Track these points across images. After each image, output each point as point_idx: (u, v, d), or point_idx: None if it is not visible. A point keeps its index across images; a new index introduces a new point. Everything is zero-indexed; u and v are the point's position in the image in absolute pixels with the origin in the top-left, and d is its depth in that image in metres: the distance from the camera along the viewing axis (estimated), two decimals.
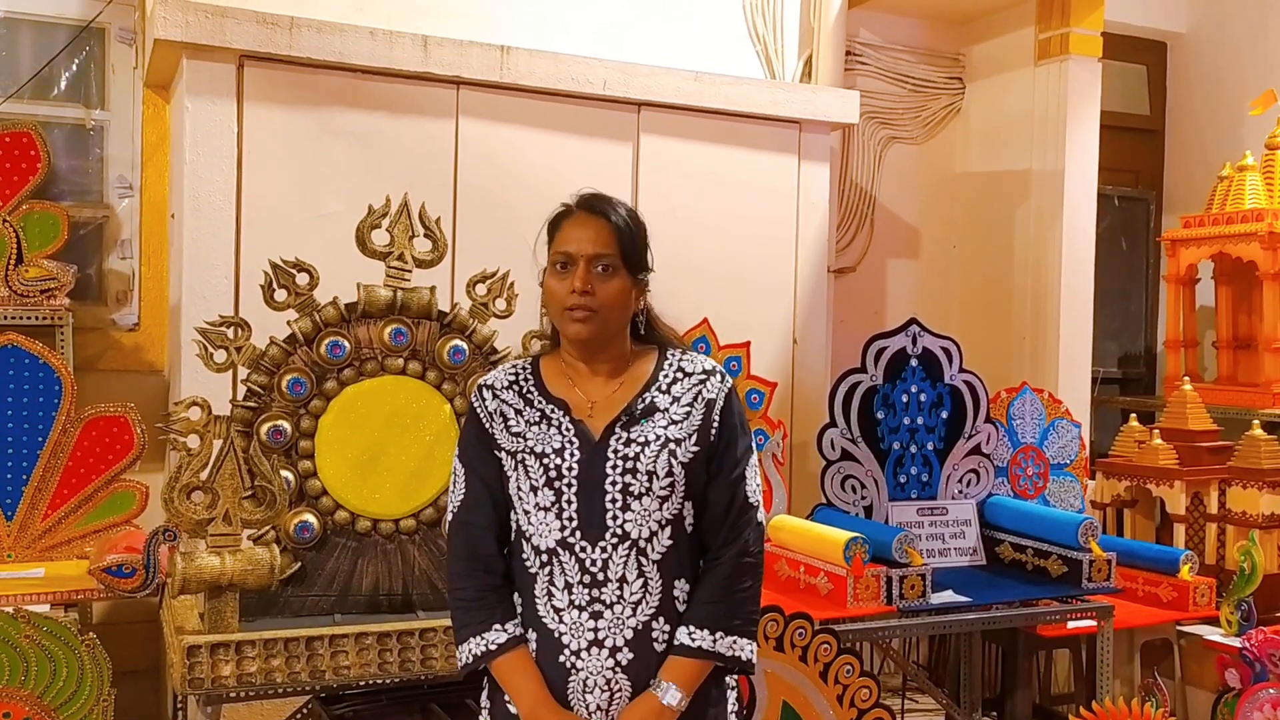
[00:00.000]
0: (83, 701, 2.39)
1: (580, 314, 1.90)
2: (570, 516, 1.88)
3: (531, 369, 2.01)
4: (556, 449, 1.91)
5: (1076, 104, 4.74)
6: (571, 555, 1.88)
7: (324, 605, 2.49)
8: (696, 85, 3.90)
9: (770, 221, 4.09)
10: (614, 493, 1.88)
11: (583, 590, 1.87)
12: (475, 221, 3.58)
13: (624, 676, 1.87)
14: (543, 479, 1.90)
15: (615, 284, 1.93)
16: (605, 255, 1.92)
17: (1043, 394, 3.91)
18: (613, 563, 1.87)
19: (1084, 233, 4.80)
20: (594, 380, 1.97)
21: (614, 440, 1.90)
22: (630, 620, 1.87)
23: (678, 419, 1.93)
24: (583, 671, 1.86)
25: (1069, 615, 3.25)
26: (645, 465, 1.88)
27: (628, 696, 1.87)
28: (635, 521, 1.87)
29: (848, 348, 4.23)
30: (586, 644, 1.86)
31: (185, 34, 3.20)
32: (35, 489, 3.07)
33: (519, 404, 1.97)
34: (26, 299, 3.18)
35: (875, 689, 2.80)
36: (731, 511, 1.93)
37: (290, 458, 2.48)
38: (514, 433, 1.95)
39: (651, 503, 1.88)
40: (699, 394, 1.95)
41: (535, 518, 1.90)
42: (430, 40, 3.50)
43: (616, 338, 1.98)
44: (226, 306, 3.22)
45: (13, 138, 3.33)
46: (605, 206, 1.97)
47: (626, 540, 1.87)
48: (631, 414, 1.92)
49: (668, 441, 1.90)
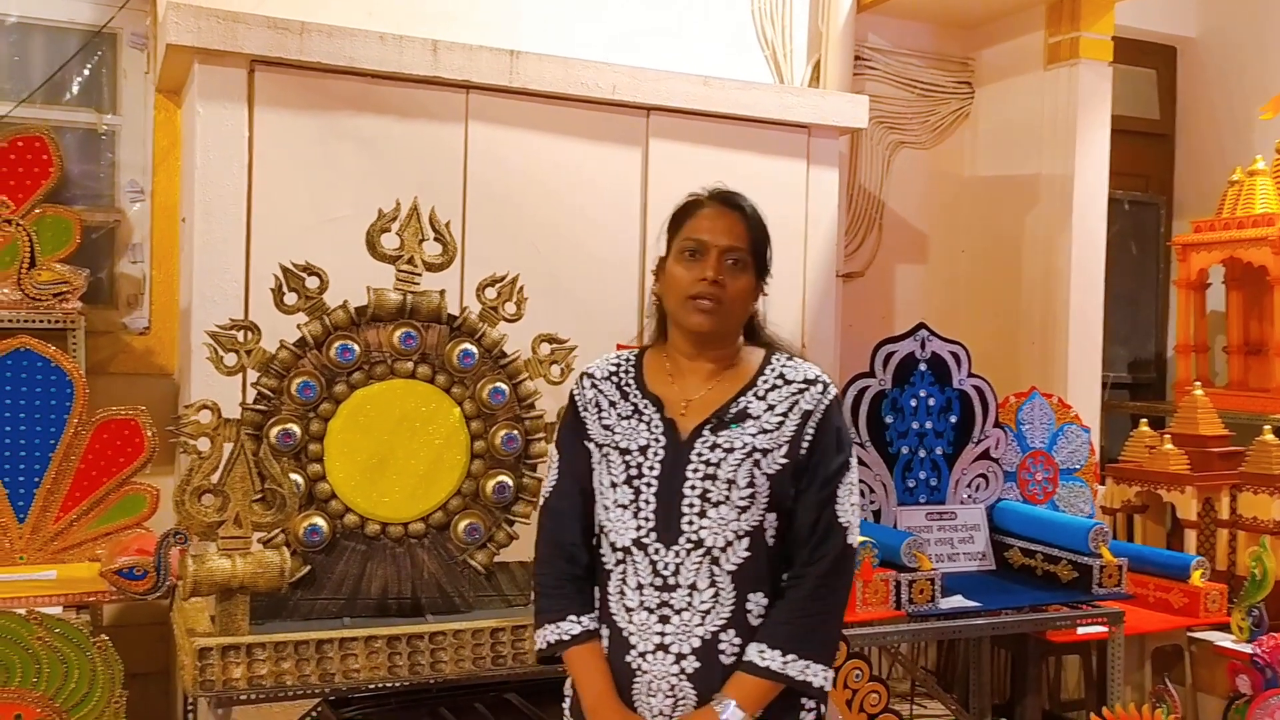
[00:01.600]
0: (94, 703, 2.40)
1: (707, 304, 1.87)
2: (647, 517, 1.85)
3: (635, 361, 1.99)
4: (641, 446, 1.88)
5: (1086, 108, 4.74)
6: (645, 556, 1.84)
7: (333, 608, 2.49)
8: (706, 90, 3.90)
9: (778, 226, 4.02)
10: (692, 497, 1.83)
11: (653, 593, 1.84)
12: (485, 225, 3.59)
13: (689, 684, 1.82)
14: (623, 476, 1.88)
15: (744, 280, 1.91)
16: (738, 249, 1.90)
17: (1052, 399, 3.90)
18: (685, 568, 1.83)
19: (1094, 237, 4.79)
20: (694, 376, 1.93)
21: (699, 443, 1.86)
22: (698, 628, 1.82)
23: (769, 428, 1.87)
24: (648, 674, 1.83)
25: (1079, 621, 3.24)
26: (725, 473, 1.83)
27: (692, 705, 1.83)
28: (711, 529, 1.83)
29: (856, 352, 4.23)
30: (653, 647, 1.83)
31: (197, 39, 3.22)
32: (47, 491, 3.09)
33: (615, 396, 1.95)
34: (39, 302, 3.20)
35: (884, 694, 2.79)
36: (817, 530, 1.85)
37: (300, 461, 2.49)
38: (604, 425, 1.93)
39: (729, 512, 1.83)
40: (796, 403, 1.89)
41: (614, 514, 1.89)
42: (440, 45, 3.51)
43: (731, 336, 1.95)
44: (237, 310, 3.24)
45: (25, 142, 3.35)
46: (741, 201, 1.96)
47: (700, 547, 1.83)
48: (721, 418, 1.88)
49: (753, 451, 1.85)
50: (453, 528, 2.59)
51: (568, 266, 3.68)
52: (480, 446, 2.61)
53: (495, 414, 2.61)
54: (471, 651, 2.43)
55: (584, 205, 3.75)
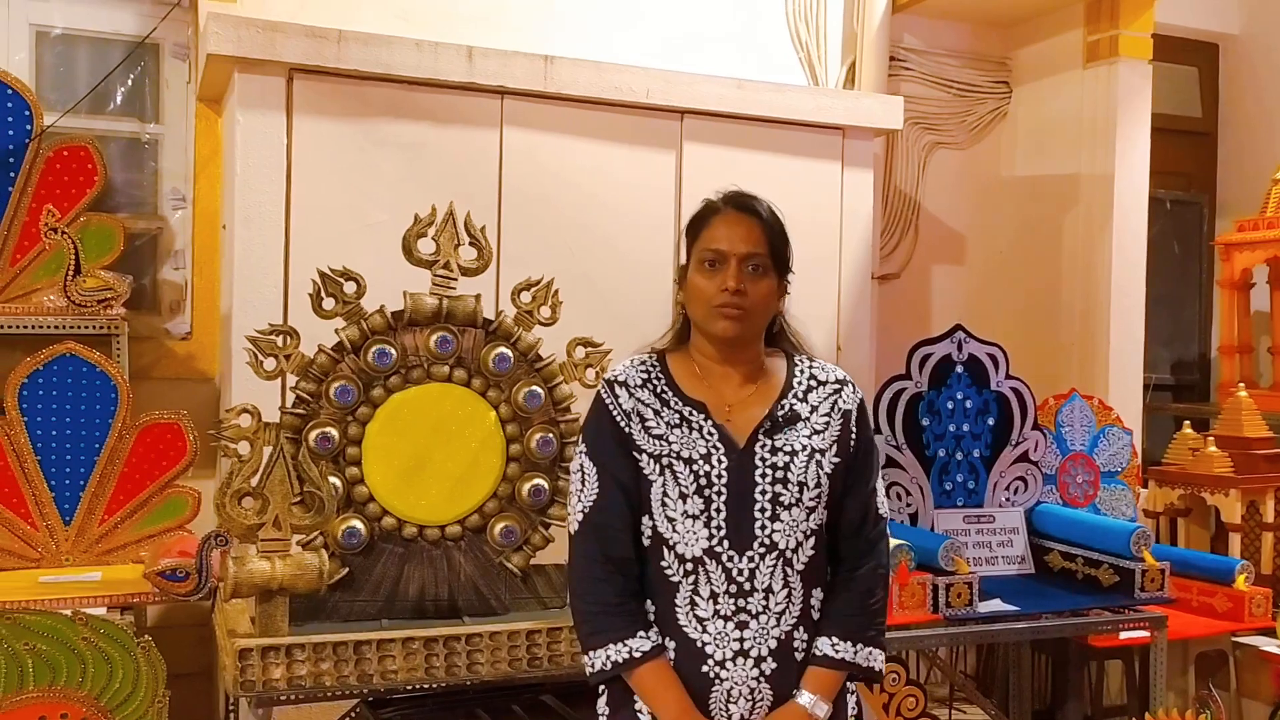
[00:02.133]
0: (138, 703, 2.44)
1: (732, 312, 1.89)
2: (719, 525, 1.86)
3: (660, 366, 1.98)
4: (703, 455, 1.88)
5: (1127, 107, 4.68)
6: (718, 564, 1.86)
7: (371, 610, 2.51)
8: (739, 93, 3.90)
9: (813, 228, 4.08)
10: (763, 502, 1.87)
11: (728, 600, 1.85)
12: (520, 230, 3.61)
13: (767, 686, 1.86)
14: (692, 486, 1.87)
15: (766, 284, 1.93)
16: (757, 255, 1.91)
17: (1093, 401, 3.86)
18: (760, 573, 1.86)
19: (1135, 237, 4.73)
20: (729, 382, 1.95)
21: (760, 448, 1.89)
22: (774, 630, 1.86)
23: (819, 429, 1.93)
24: (727, 682, 1.85)
25: (1121, 625, 3.20)
26: (795, 475, 1.88)
27: (769, 706, 1.87)
28: (783, 532, 1.87)
29: (892, 355, 4.20)
30: (732, 654, 1.85)
31: (237, 48, 3.26)
32: (92, 494, 3.14)
33: (655, 404, 1.94)
34: (84, 309, 3.25)
35: (921, 698, 2.78)
36: (866, 524, 1.94)
37: (338, 464, 2.52)
38: (655, 435, 1.91)
39: (800, 513, 1.88)
40: (835, 404, 1.95)
41: (682, 526, 1.87)
42: (475, 51, 3.53)
43: (758, 340, 1.98)
44: (276, 315, 3.28)
45: (71, 152, 3.41)
46: (756, 205, 1.96)
47: (774, 550, 1.86)
48: (775, 421, 1.91)
49: (814, 452, 1.90)
50: (489, 530, 2.60)
51: (602, 270, 3.69)
52: (516, 450, 2.62)
53: (531, 417, 2.63)
54: (508, 653, 2.44)
55: (618, 209, 3.75)
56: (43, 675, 2.37)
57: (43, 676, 2.37)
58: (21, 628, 2.37)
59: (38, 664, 2.37)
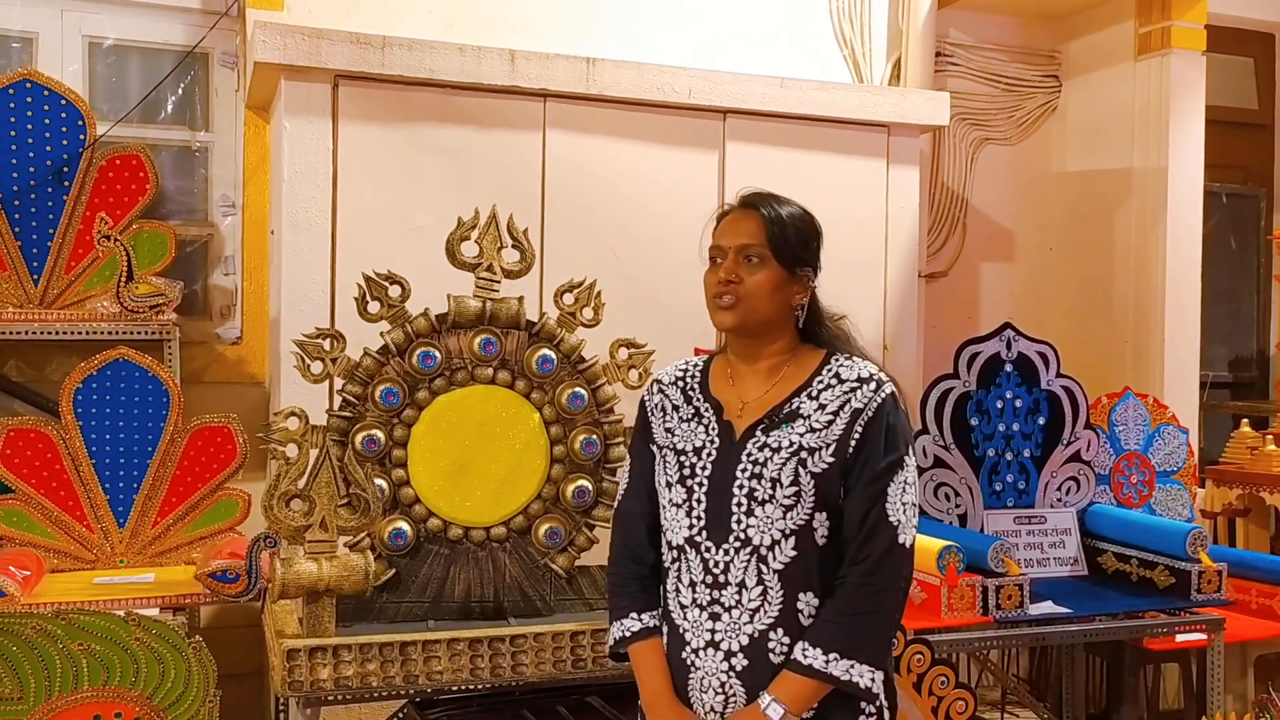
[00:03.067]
0: (190, 702, 2.47)
1: (724, 300, 1.93)
2: (699, 515, 1.90)
3: (701, 367, 2.06)
4: (696, 447, 1.93)
5: (1180, 99, 4.59)
6: (697, 554, 1.90)
7: (418, 611, 2.53)
8: (783, 91, 3.88)
9: (859, 226, 4.04)
10: (740, 496, 1.88)
11: (705, 590, 1.89)
12: (562, 232, 3.62)
13: (738, 682, 1.86)
14: (677, 475, 1.94)
15: (763, 275, 1.93)
16: (752, 246, 1.94)
17: (1147, 399, 3.79)
18: (734, 566, 1.87)
19: (1190, 232, 4.64)
20: (752, 379, 1.98)
21: (750, 444, 1.90)
22: (746, 627, 1.86)
23: (817, 427, 1.88)
24: (700, 671, 1.89)
25: (1177, 628, 3.14)
26: (771, 472, 1.86)
27: (743, 701, 1.86)
28: (758, 528, 1.86)
29: (940, 354, 4.16)
30: (704, 644, 1.88)
31: (283, 56, 3.30)
32: (145, 497, 3.19)
33: (679, 400, 2.01)
34: (137, 315, 3.31)
35: (971, 701, 2.74)
36: (864, 528, 1.84)
37: (384, 466, 2.54)
38: (666, 428, 2.00)
39: (775, 510, 1.85)
40: (847, 402, 1.89)
41: (669, 513, 1.95)
42: (517, 54, 3.54)
43: (772, 332, 1.97)
44: (323, 319, 3.31)
45: (123, 160, 3.47)
46: (759, 200, 1.99)
47: (748, 546, 1.86)
48: (774, 418, 1.91)
49: (799, 450, 1.86)
50: (534, 532, 2.61)
51: (645, 271, 3.69)
52: (560, 451, 2.63)
53: (574, 419, 2.63)
54: (552, 654, 2.45)
55: (661, 210, 3.75)
56: (97, 675, 2.42)
57: (97, 676, 2.42)
58: (77, 628, 2.41)
59: (92, 664, 2.42)
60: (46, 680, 2.40)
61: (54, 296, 3.40)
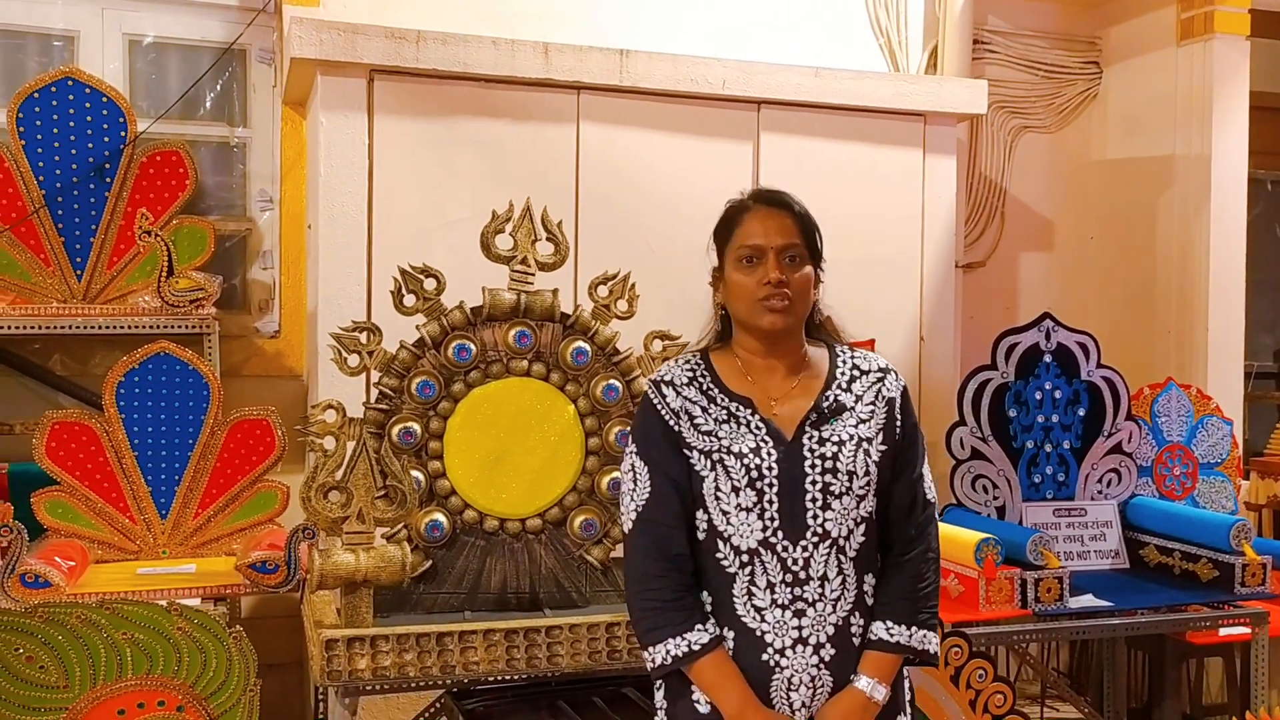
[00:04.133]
0: (231, 691, 2.50)
1: (777, 304, 1.92)
2: (772, 517, 1.89)
3: (704, 365, 2.01)
4: (752, 448, 1.91)
5: (1223, 85, 4.51)
6: (773, 555, 1.89)
7: (454, 602, 2.55)
8: (817, 81, 3.85)
9: (895, 217, 4.01)
10: (814, 492, 1.89)
11: (785, 589, 1.89)
12: (596, 224, 3.62)
13: (827, 672, 1.89)
14: (744, 479, 1.90)
15: (804, 273, 1.97)
16: (794, 245, 1.96)
17: (1190, 390, 3.74)
18: (814, 561, 1.89)
19: (1234, 220, 4.56)
20: (772, 376, 1.98)
21: (808, 439, 1.92)
22: (831, 617, 1.89)
23: (865, 417, 1.95)
24: (787, 670, 1.88)
25: (1220, 622, 3.09)
26: (845, 465, 1.90)
27: (829, 692, 1.90)
28: (835, 520, 1.89)
29: (978, 344, 4.12)
30: (791, 642, 1.88)
31: (319, 51, 3.33)
32: (187, 489, 3.23)
33: (703, 401, 1.97)
34: (177, 309, 3.35)
35: (1010, 695, 2.72)
36: (915, 509, 1.97)
37: (420, 458, 2.55)
38: (704, 431, 1.94)
39: (850, 501, 1.90)
40: (879, 392, 1.98)
41: (736, 518, 1.90)
42: (551, 47, 3.55)
43: (798, 330, 2.01)
44: (360, 312, 3.34)
45: (163, 156, 3.51)
46: (784, 198, 2.01)
47: (827, 539, 1.89)
48: (820, 412, 1.94)
49: (861, 440, 1.93)
50: (569, 523, 2.62)
51: (679, 263, 3.65)
52: (594, 443, 2.63)
53: (609, 411, 2.63)
54: (588, 646, 2.45)
55: (695, 202, 3.73)
56: (140, 664, 2.45)
57: (140, 665, 2.45)
58: (120, 618, 2.45)
59: (135, 653, 2.45)
60: (91, 669, 2.44)
61: (96, 291, 3.45)
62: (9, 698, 2.40)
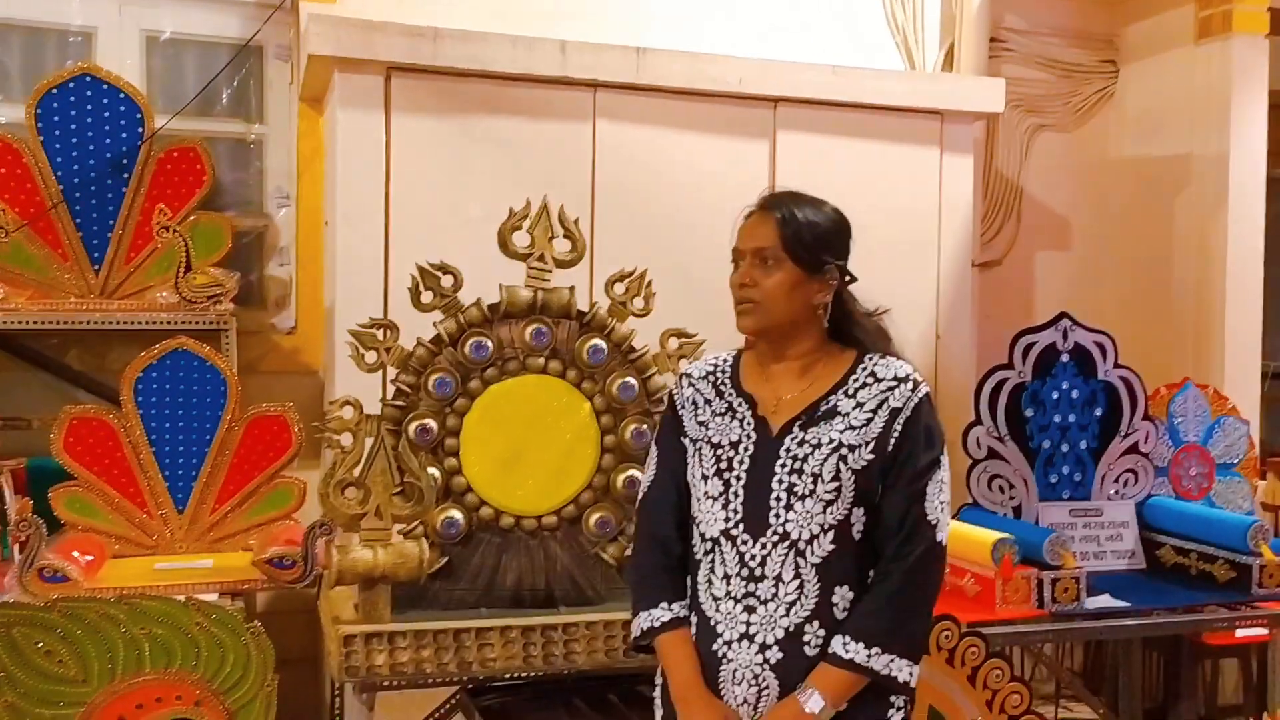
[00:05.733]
0: (248, 686, 2.51)
1: (742, 305, 1.96)
2: (735, 509, 1.90)
3: (732, 361, 2.06)
4: (733, 441, 1.94)
5: (1242, 84, 4.49)
6: (733, 547, 1.90)
7: (470, 599, 2.55)
8: (834, 79, 3.84)
9: (911, 215, 4.00)
10: (779, 491, 1.89)
11: (740, 583, 1.88)
12: (613, 221, 3.62)
13: (772, 674, 1.86)
14: (714, 469, 1.94)
15: (778, 277, 1.94)
16: (766, 248, 1.94)
17: (1207, 390, 3.72)
18: (770, 560, 1.87)
19: (1252, 219, 4.54)
20: (784, 377, 1.98)
21: (789, 439, 1.91)
22: (783, 620, 1.86)
23: (856, 425, 1.90)
24: (733, 663, 1.88)
25: (1237, 623, 3.07)
26: (812, 467, 1.88)
27: (776, 695, 1.86)
28: (796, 522, 1.87)
29: (994, 344, 4.10)
30: (738, 636, 1.88)
31: (336, 48, 3.33)
32: (204, 484, 3.24)
33: (710, 394, 2.02)
34: (195, 305, 3.36)
35: (1026, 695, 2.71)
36: (905, 526, 1.88)
37: (437, 455, 2.56)
38: (699, 421, 2.00)
39: (815, 505, 1.87)
40: (884, 401, 1.92)
41: (704, 506, 1.94)
42: (568, 45, 3.55)
43: (797, 332, 1.97)
44: (377, 309, 3.34)
45: (180, 153, 3.52)
46: (776, 202, 1.99)
47: (786, 540, 1.87)
48: (812, 415, 1.92)
49: (840, 446, 1.89)
50: (584, 521, 2.62)
51: (696, 261, 3.66)
52: (610, 441, 2.63)
53: (625, 409, 2.63)
54: (604, 643, 2.46)
55: (712, 200, 3.72)
56: (159, 658, 2.46)
57: (159, 660, 2.46)
58: (139, 613, 2.46)
59: (154, 648, 2.46)
60: (110, 663, 2.45)
61: (114, 287, 3.47)
62: (27, 691, 2.41)
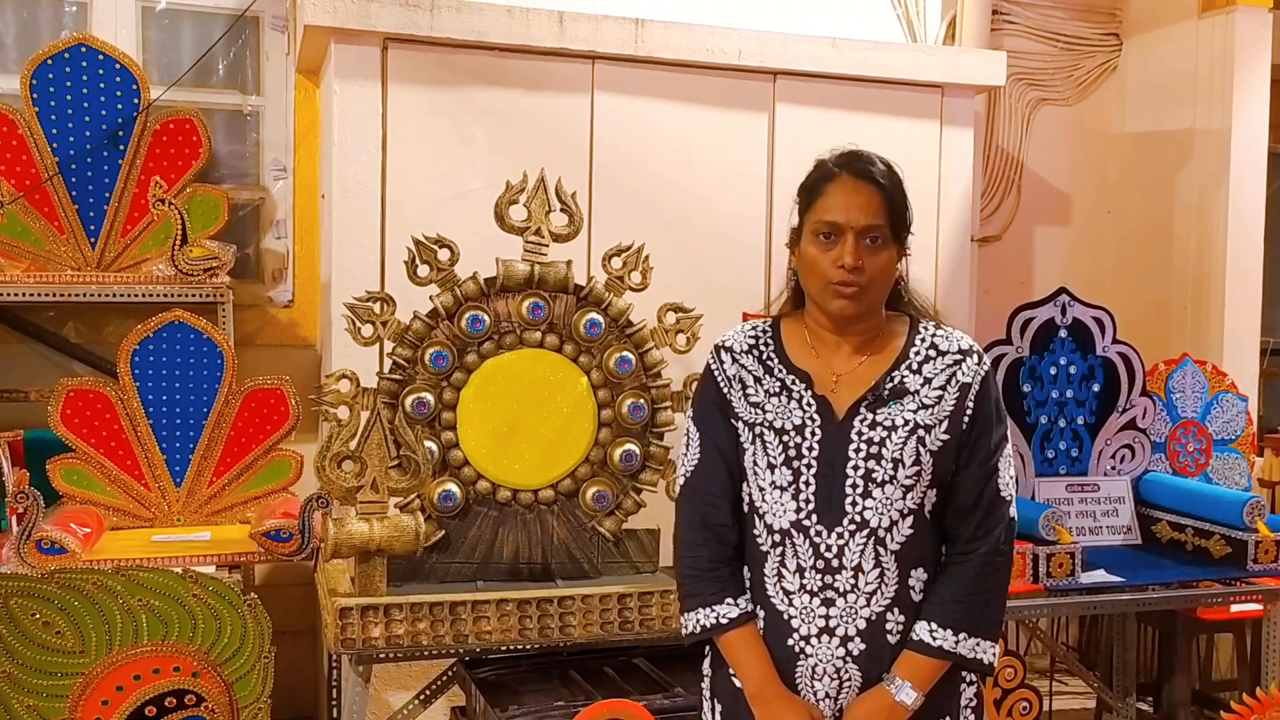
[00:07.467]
0: (245, 658, 2.52)
1: (848, 290, 1.79)
2: (808, 499, 1.79)
3: (771, 334, 1.91)
4: (796, 425, 1.81)
5: (1245, 58, 4.46)
6: (806, 538, 1.79)
7: (466, 572, 2.56)
8: (834, 52, 3.81)
9: (910, 189, 3.96)
10: (855, 478, 1.78)
11: (815, 575, 1.79)
12: (610, 195, 3.60)
13: (854, 666, 1.79)
14: (781, 457, 1.81)
15: (884, 256, 1.82)
16: (875, 227, 1.81)
17: (1205, 366, 3.72)
18: (849, 550, 1.77)
19: (1253, 195, 4.52)
20: (840, 351, 1.86)
21: (858, 421, 1.79)
22: (864, 610, 1.78)
23: (929, 403, 1.80)
24: (812, 658, 1.79)
25: (1232, 598, 3.09)
26: (891, 452, 1.77)
27: (858, 687, 1.80)
28: (875, 510, 1.77)
29: (993, 319, 4.09)
30: (817, 630, 1.79)
31: (333, 19, 3.30)
32: (201, 457, 3.25)
33: (759, 371, 1.87)
34: (191, 277, 3.35)
35: (1020, 669, 2.72)
36: (981, 505, 1.81)
37: (433, 428, 2.56)
38: (753, 402, 1.86)
39: (895, 491, 1.78)
40: (953, 376, 1.82)
41: (770, 496, 1.82)
42: (565, 16, 3.52)
43: (876, 311, 1.87)
44: (373, 282, 3.33)
45: (176, 124, 3.50)
46: (872, 170, 1.84)
47: (865, 528, 1.77)
48: (878, 394, 1.81)
49: (917, 427, 1.78)
50: (581, 495, 2.62)
51: (694, 235, 3.66)
52: (607, 415, 2.63)
53: (622, 383, 2.63)
54: (600, 616, 2.47)
55: (710, 173, 3.72)
56: (156, 630, 2.47)
57: (156, 631, 2.47)
58: (136, 584, 2.47)
59: (151, 619, 2.47)
60: (107, 634, 2.46)
61: (110, 259, 3.46)
62: (25, 662, 2.42)
